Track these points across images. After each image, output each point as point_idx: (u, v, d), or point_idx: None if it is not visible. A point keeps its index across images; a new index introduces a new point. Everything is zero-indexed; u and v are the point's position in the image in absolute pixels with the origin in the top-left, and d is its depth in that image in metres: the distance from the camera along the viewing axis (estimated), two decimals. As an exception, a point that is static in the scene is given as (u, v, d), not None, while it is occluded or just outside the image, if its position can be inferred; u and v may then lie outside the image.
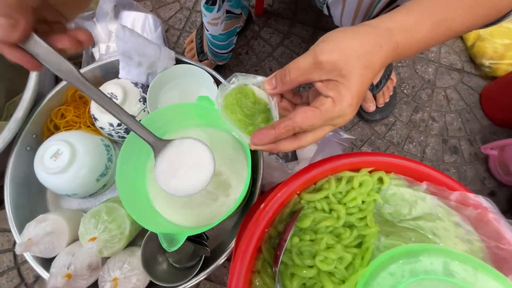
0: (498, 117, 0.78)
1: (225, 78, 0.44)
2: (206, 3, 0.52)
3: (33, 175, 0.53)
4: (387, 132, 0.77)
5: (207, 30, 0.59)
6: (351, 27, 0.26)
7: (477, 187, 0.74)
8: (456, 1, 0.25)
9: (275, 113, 0.28)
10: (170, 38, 0.82)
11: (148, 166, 0.45)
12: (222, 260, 0.47)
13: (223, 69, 0.80)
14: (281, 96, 0.30)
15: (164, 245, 0.31)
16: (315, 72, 0.24)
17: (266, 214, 0.31)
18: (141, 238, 0.53)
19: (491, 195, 0.74)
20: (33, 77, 0.51)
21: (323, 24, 0.86)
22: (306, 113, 0.25)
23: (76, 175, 0.50)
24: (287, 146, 0.27)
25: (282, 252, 0.30)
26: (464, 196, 0.33)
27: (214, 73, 0.55)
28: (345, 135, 0.54)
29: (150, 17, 0.74)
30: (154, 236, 0.48)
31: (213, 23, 0.57)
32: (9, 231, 0.68)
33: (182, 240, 0.31)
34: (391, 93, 0.76)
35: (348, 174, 0.35)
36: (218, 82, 0.55)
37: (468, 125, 0.79)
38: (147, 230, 0.54)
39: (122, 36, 0.49)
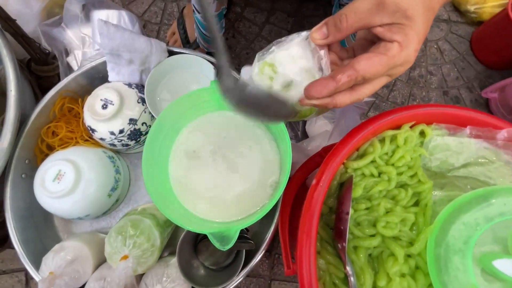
0: (491, 60, 0.79)
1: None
2: None
3: (34, 203, 0.47)
4: (389, 94, 0.76)
5: (198, 12, 0.54)
6: None
7: (482, 131, 0.75)
8: None
9: (326, 71, 0.25)
10: (149, 34, 0.76)
11: (170, 168, 0.41)
12: (262, 253, 0.45)
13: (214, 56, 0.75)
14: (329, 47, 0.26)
15: (217, 245, 0.28)
16: (377, 14, 0.21)
17: (321, 189, 0.28)
18: (167, 248, 0.49)
19: (497, 137, 0.75)
20: (12, 96, 0.45)
21: (305, -5, 0.82)
22: (371, 59, 0.22)
23: (84, 195, 0.45)
24: (344, 99, 0.24)
25: (347, 225, 0.28)
26: (511, 132, 0.32)
27: (212, 59, 0.51)
28: (366, 98, 0.52)
29: (124, 14, 0.68)
30: (186, 241, 0.45)
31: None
32: (18, 271, 0.62)
33: (235, 236, 0.28)
34: (388, 54, 0.74)
35: (390, 133, 0.33)
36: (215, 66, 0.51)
37: (464, 73, 0.79)
38: (173, 239, 0.51)
39: (106, 32, 0.44)
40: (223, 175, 0.38)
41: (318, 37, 0.23)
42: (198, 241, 0.49)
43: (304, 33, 0.25)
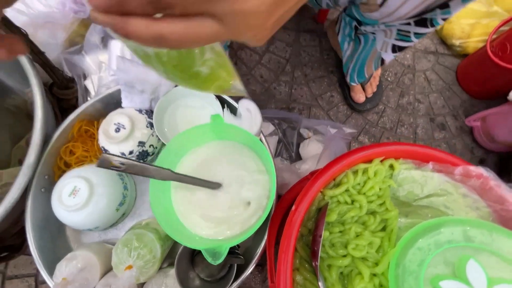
0: (474, 90, 0.85)
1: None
2: None
3: (50, 216, 0.53)
4: (379, 119, 0.82)
5: None
6: None
7: (467, 157, 0.80)
8: None
9: None
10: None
11: (172, 190, 0.46)
12: (253, 267, 0.49)
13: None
14: None
15: (209, 260, 0.33)
16: None
17: (299, 214, 0.33)
18: (166, 260, 0.54)
19: (481, 162, 0.80)
20: (38, 121, 0.51)
21: (303, 26, 0.90)
22: None
23: (96, 209, 0.50)
24: (139, 26, 0.16)
25: (319, 246, 0.33)
26: (466, 169, 0.37)
27: (214, 89, 0.57)
28: (348, 130, 0.57)
29: (137, 43, 0.75)
30: (183, 254, 0.50)
31: None
32: (28, 276, 0.67)
33: (225, 252, 0.33)
34: (377, 83, 0.80)
35: (362, 166, 0.38)
36: (219, 97, 0.58)
37: (450, 102, 0.85)
38: (172, 251, 0.55)
39: (123, 67, 0.50)
40: (216, 196, 0.44)
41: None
42: (195, 255, 0.53)
43: None
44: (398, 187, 0.39)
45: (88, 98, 0.73)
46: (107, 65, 0.74)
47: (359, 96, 0.78)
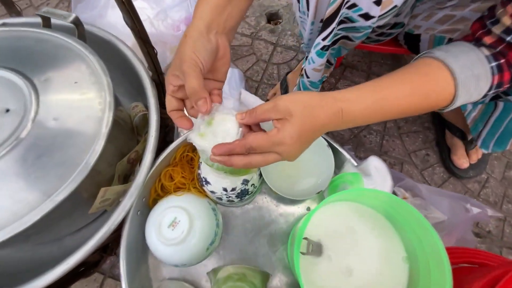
0: None
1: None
2: (322, 49, 0.50)
3: (139, 240, 0.50)
4: (481, 190, 0.73)
5: (308, 77, 0.59)
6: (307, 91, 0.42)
7: None
8: (394, 86, 0.34)
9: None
10: (249, 90, 0.83)
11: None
12: None
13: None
14: (250, 128, 0.36)
15: None
16: (273, 112, 0.32)
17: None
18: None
19: None
20: (152, 141, 0.50)
21: (399, 77, 0.86)
22: (256, 135, 0.31)
23: (190, 245, 0.47)
24: (238, 160, 0.32)
25: None
26: None
27: (327, 137, 0.54)
28: (493, 213, 0.49)
29: (236, 72, 0.75)
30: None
31: (318, 69, 0.56)
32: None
33: None
34: (485, 150, 0.72)
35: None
36: (330, 145, 0.53)
37: None
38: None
39: (246, 101, 0.49)
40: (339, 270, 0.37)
41: (239, 117, 0.34)
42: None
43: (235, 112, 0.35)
44: None
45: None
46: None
47: (463, 162, 0.70)
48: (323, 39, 0.46)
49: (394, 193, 0.67)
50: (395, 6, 0.40)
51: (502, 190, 0.73)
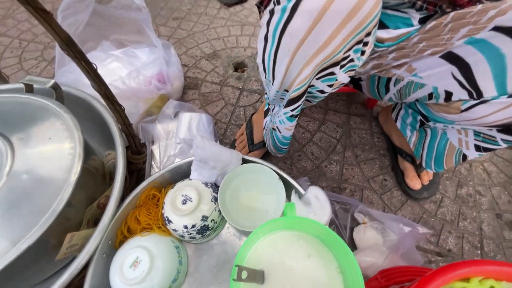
0: (544, 187, 0.79)
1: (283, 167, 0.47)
2: (292, 116, 0.57)
3: (104, 283, 0.52)
4: (437, 210, 0.77)
5: (280, 132, 0.65)
6: None
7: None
8: None
9: None
10: (218, 131, 0.91)
11: None
12: None
13: (268, 156, 0.86)
14: None
15: None
16: None
17: None
18: None
19: None
20: (117, 186, 0.55)
21: (353, 110, 0.95)
22: None
23: (152, 284, 0.49)
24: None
25: None
26: None
27: (279, 171, 0.60)
28: (423, 230, 0.54)
29: (203, 116, 0.83)
30: None
31: (289, 129, 0.63)
32: None
33: None
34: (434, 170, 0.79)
35: (459, 285, 0.34)
36: (281, 177, 0.59)
37: (517, 198, 0.79)
38: None
39: (201, 145, 0.55)
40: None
41: None
42: None
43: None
44: (501, 314, 0.34)
45: (153, 163, 0.78)
46: (174, 133, 0.82)
47: (415, 183, 0.76)
48: (292, 110, 0.54)
49: (353, 217, 0.71)
50: (342, 83, 0.49)
51: (457, 208, 0.78)
